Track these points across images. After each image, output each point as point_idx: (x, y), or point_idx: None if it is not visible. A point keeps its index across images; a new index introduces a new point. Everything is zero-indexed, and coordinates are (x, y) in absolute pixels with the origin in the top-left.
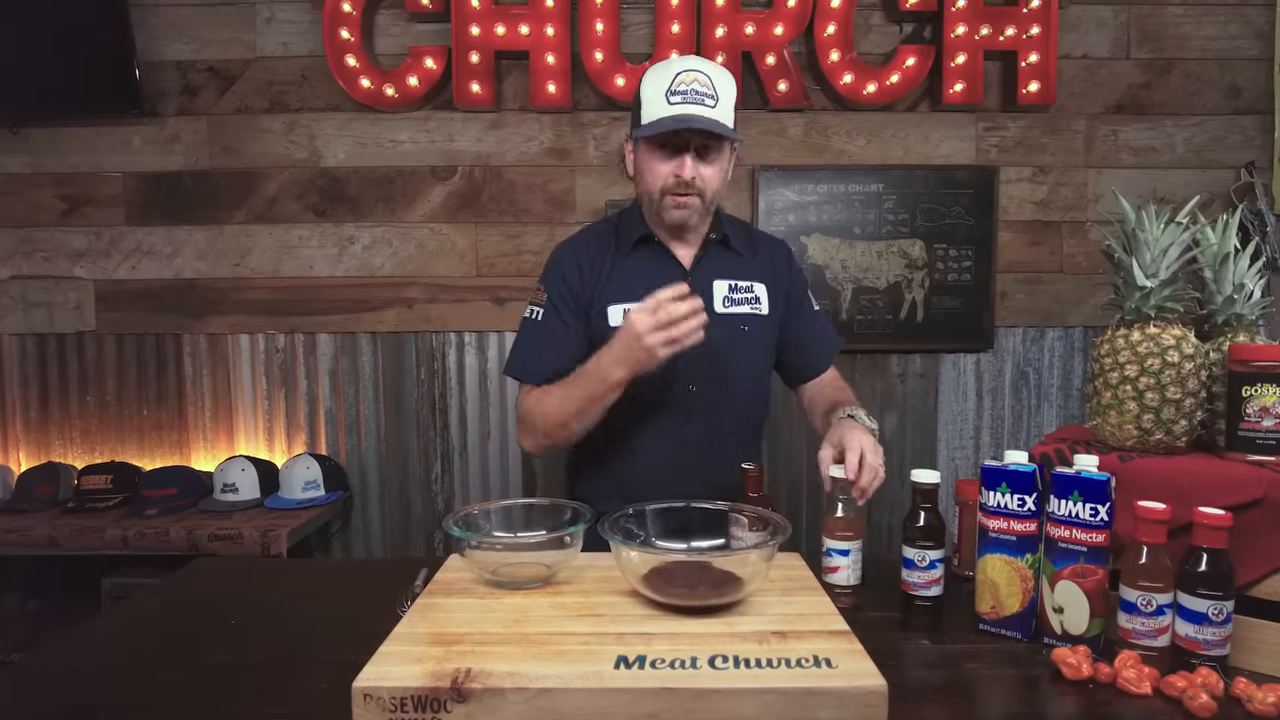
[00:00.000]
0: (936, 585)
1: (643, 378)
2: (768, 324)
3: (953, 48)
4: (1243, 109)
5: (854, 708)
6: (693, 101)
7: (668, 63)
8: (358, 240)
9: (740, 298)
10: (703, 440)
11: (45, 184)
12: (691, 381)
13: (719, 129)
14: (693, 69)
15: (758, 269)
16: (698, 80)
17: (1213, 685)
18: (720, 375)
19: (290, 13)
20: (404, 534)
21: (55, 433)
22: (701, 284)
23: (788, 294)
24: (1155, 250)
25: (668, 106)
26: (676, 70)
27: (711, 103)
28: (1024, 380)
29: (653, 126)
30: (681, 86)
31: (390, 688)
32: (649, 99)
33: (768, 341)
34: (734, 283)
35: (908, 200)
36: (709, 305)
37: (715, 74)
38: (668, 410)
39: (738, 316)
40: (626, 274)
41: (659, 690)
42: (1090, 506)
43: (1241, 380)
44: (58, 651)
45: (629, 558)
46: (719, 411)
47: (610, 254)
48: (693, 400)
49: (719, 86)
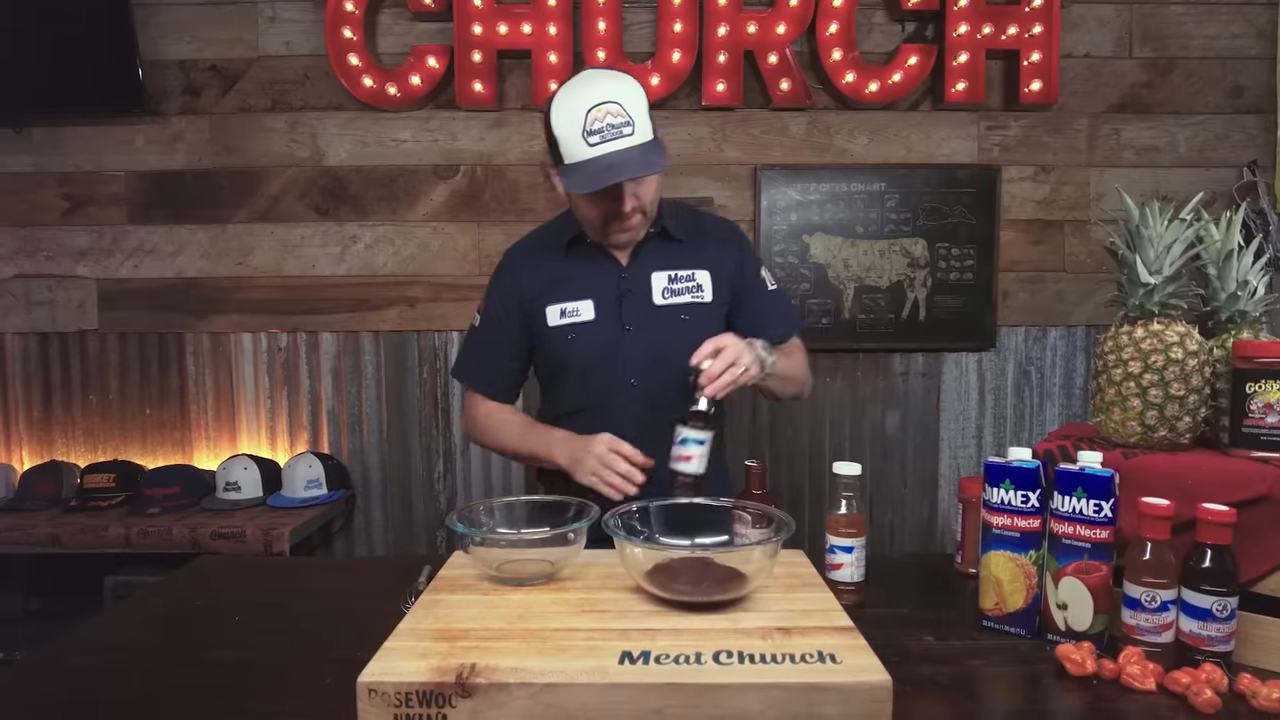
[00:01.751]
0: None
1: (587, 376)
2: (711, 311)
3: (955, 47)
4: (1245, 108)
5: (859, 703)
6: (611, 138)
7: (575, 95)
8: (360, 239)
9: (680, 287)
10: (651, 433)
11: (48, 183)
12: (633, 374)
13: (646, 168)
14: (602, 101)
15: (700, 256)
16: (610, 112)
17: (1217, 681)
18: (661, 367)
19: (292, 12)
20: (406, 533)
21: (58, 431)
22: (638, 278)
23: (736, 276)
24: (1159, 247)
25: (588, 148)
26: (587, 107)
27: (629, 130)
28: (1026, 379)
29: (581, 179)
30: (596, 124)
31: (395, 683)
32: (565, 138)
33: (712, 329)
34: (674, 273)
35: (910, 199)
36: (648, 298)
37: (625, 96)
38: (613, 402)
39: (677, 307)
40: (565, 274)
41: (663, 685)
42: (1094, 503)
43: (1245, 377)
44: (60, 650)
45: (633, 554)
46: (664, 403)
47: (550, 255)
48: (636, 392)
49: (631, 108)
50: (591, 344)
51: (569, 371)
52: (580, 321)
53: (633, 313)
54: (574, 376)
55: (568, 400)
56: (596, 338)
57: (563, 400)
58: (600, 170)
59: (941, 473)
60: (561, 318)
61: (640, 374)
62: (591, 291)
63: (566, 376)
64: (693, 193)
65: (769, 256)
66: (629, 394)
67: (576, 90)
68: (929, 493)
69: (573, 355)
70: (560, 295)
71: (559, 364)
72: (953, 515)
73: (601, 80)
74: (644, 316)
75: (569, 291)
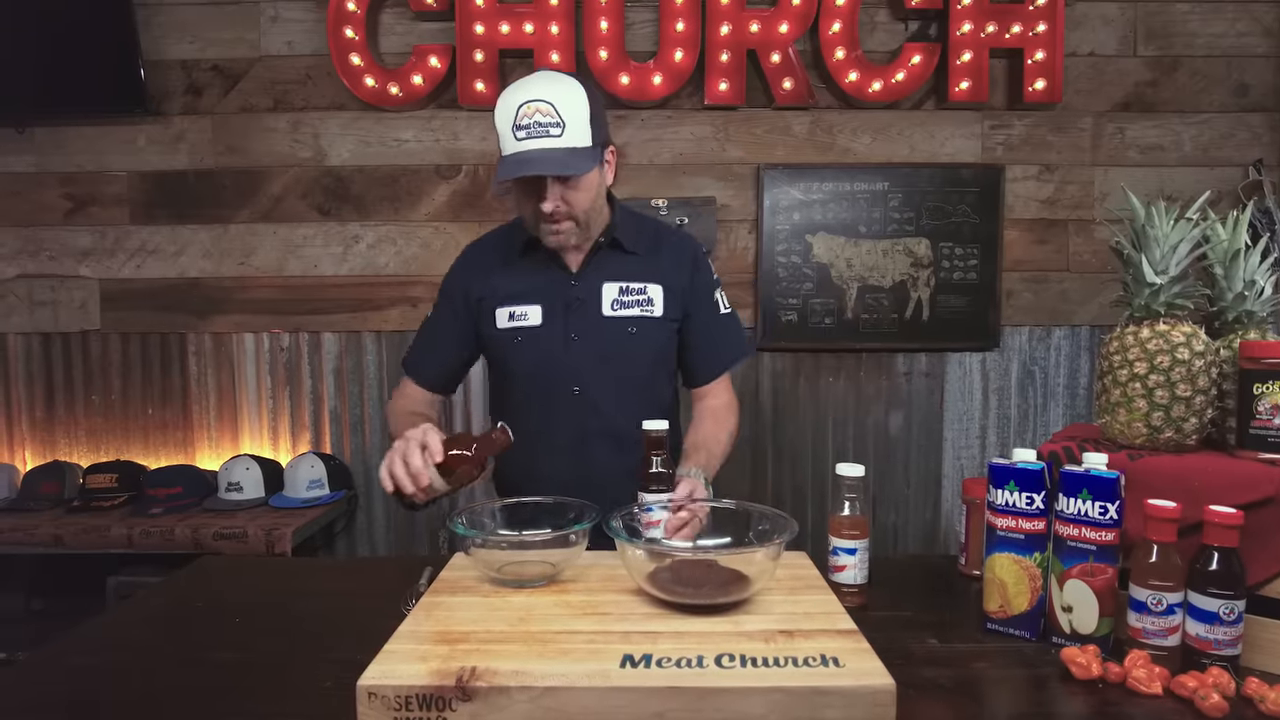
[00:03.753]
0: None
1: (531, 381)
2: (661, 325)
3: (958, 45)
4: (1250, 106)
5: (862, 707)
6: (536, 136)
7: (514, 91)
8: (362, 239)
9: (630, 300)
10: (595, 442)
11: (50, 183)
12: (577, 383)
13: (560, 168)
14: (534, 99)
15: (653, 271)
16: (539, 110)
17: (1224, 685)
18: (606, 377)
19: (295, 12)
20: (408, 533)
21: (61, 432)
22: (589, 288)
23: (689, 294)
24: (1165, 247)
25: (515, 143)
26: (518, 102)
27: (557, 131)
28: (1030, 379)
29: (502, 168)
30: (524, 120)
31: (395, 686)
32: (501, 131)
33: (660, 342)
34: (625, 285)
35: (913, 199)
36: (597, 308)
37: (560, 97)
38: (559, 411)
39: (625, 319)
40: (517, 278)
41: (665, 689)
42: (1099, 505)
43: (1252, 378)
44: (62, 650)
45: (634, 556)
46: (608, 413)
47: (503, 257)
48: (580, 401)
49: (564, 111)
50: (536, 349)
51: (514, 376)
52: (526, 326)
53: (580, 322)
54: (518, 380)
55: (513, 404)
56: (541, 344)
57: (509, 403)
58: (517, 164)
59: (945, 473)
60: (509, 321)
61: (583, 383)
62: (540, 297)
63: (512, 380)
64: (696, 192)
65: (772, 257)
66: (571, 401)
67: (519, 87)
68: (932, 494)
69: (517, 359)
70: (510, 298)
71: (504, 366)
72: (956, 516)
73: (543, 81)
74: (591, 326)
75: (518, 295)
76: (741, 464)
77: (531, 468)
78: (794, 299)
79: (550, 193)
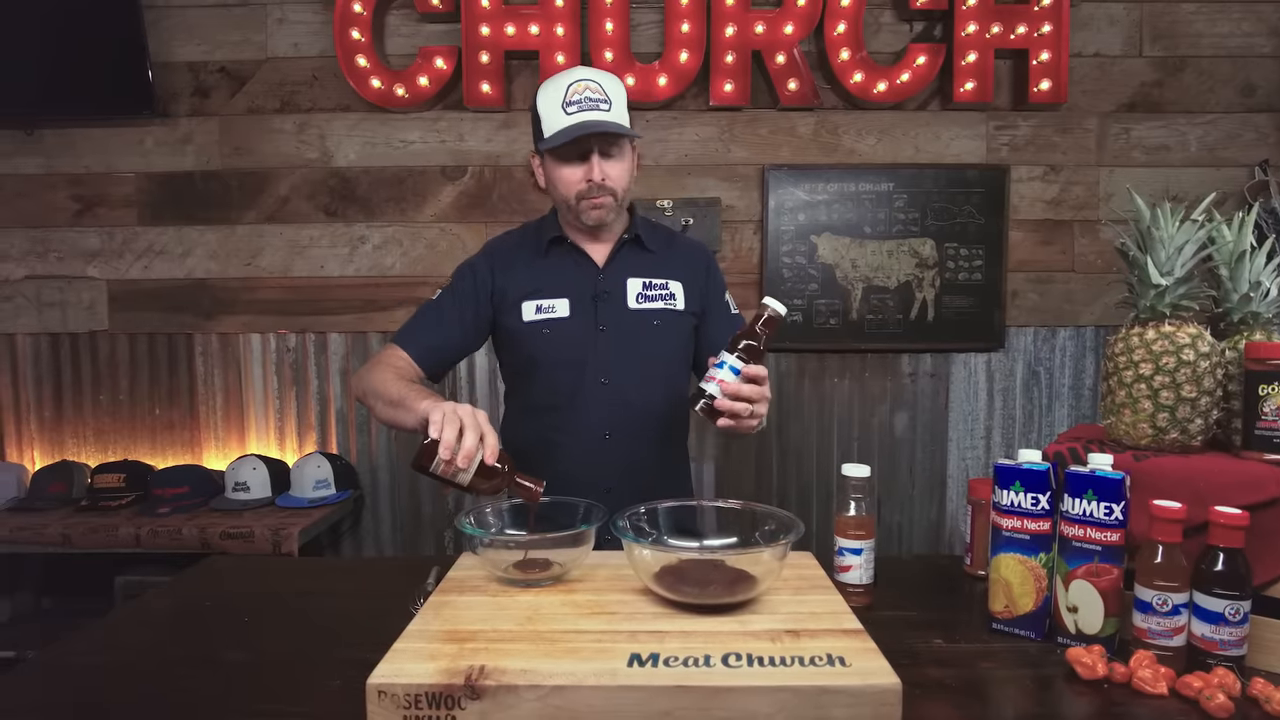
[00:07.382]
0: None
1: (558, 372)
2: (683, 319)
3: (963, 46)
4: (1256, 107)
5: (868, 706)
6: (588, 109)
7: (559, 77)
8: (369, 240)
9: (654, 294)
10: (620, 432)
11: (59, 185)
12: (603, 374)
13: (616, 128)
14: (584, 79)
15: (673, 268)
16: (589, 88)
17: (1229, 686)
18: (632, 368)
19: (301, 13)
20: (414, 533)
21: (68, 432)
22: (615, 281)
23: (705, 293)
24: (1170, 248)
25: (566, 117)
26: (568, 82)
27: (606, 107)
28: (1035, 380)
29: (556, 137)
30: (575, 96)
31: (405, 684)
32: (546, 114)
33: (683, 335)
34: (648, 280)
35: (918, 199)
36: (623, 301)
37: (605, 80)
38: (581, 400)
39: (650, 312)
40: (543, 272)
41: (673, 688)
42: (1105, 505)
43: (1258, 379)
44: (70, 649)
45: (641, 556)
46: (634, 403)
47: (528, 253)
48: (607, 392)
49: (610, 91)
50: (565, 341)
51: (539, 368)
52: (555, 318)
53: (608, 314)
54: (544, 373)
55: (536, 396)
56: (570, 335)
57: (531, 396)
58: (572, 128)
59: (950, 474)
60: (537, 314)
61: (610, 374)
62: (568, 290)
63: (536, 372)
64: (701, 193)
65: (777, 257)
66: (598, 393)
67: (563, 74)
68: (937, 494)
69: (545, 351)
70: (536, 291)
71: (529, 360)
72: (961, 517)
73: (586, 69)
74: (618, 318)
75: (546, 289)
76: (747, 464)
77: (555, 458)
78: (799, 300)
79: (596, 164)
